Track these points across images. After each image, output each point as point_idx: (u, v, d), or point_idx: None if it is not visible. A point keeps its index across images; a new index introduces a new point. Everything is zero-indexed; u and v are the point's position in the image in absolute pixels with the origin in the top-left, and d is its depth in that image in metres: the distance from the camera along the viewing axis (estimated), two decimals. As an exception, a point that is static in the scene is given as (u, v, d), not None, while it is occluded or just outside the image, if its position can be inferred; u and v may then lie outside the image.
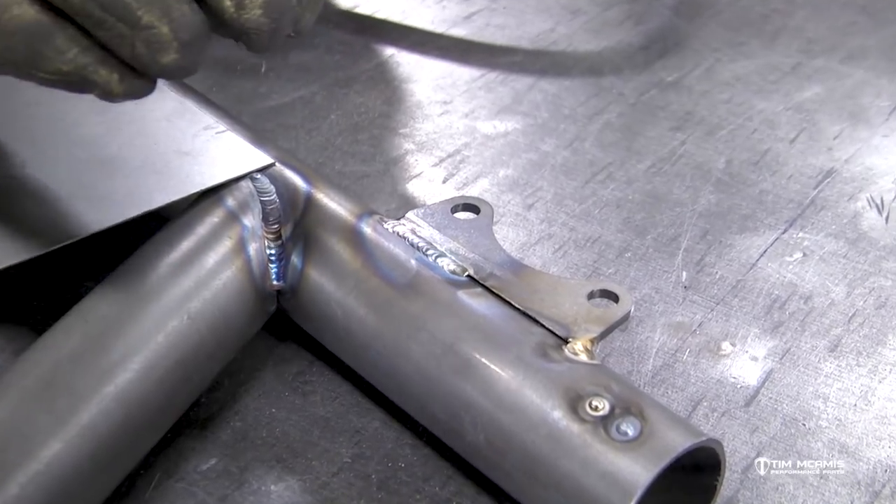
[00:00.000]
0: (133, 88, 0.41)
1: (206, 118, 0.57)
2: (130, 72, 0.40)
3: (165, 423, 0.47)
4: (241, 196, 0.52)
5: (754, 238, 0.65)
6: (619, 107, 0.79)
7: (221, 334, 0.48)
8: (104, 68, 0.40)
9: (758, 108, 0.79)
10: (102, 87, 0.40)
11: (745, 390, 0.53)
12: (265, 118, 0.75)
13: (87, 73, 0.40)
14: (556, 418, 0.42)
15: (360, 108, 0.78)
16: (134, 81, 0.41)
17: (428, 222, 0.53)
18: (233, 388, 0.53)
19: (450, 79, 0.82)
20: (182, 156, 0.54)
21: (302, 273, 0.51)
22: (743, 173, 0.71)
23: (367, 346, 0.49)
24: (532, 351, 0.45)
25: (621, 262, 0.62)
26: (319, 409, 0.52)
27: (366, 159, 0.72)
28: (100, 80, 0.40)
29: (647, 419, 0.41)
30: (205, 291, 0.48)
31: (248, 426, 0.51)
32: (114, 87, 0.40)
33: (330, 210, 0.52)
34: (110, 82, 0.40)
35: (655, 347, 0.56)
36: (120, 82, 0.40)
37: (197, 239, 0.49)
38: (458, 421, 0.45)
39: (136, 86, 0.41)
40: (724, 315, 0.58)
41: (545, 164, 0.72)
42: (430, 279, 0.49)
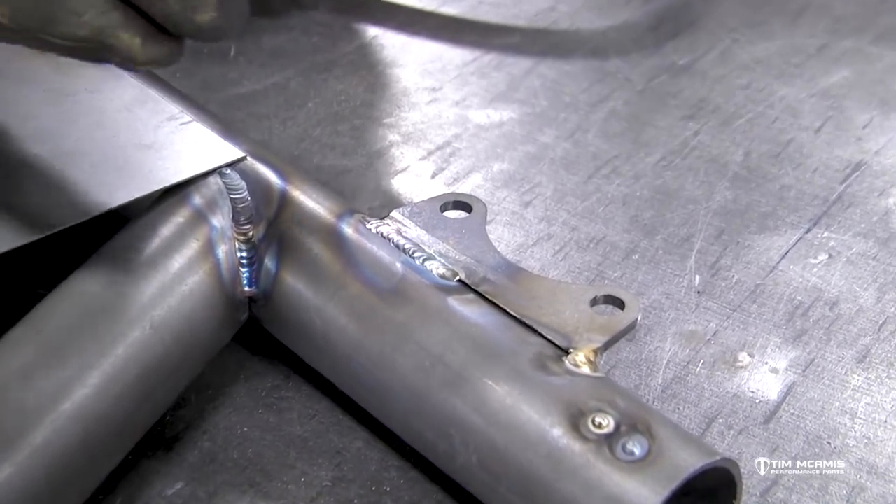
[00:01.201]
0: (158, 54, 0.40)
1: (170, 107, 0.58)
2: (155, 34, 0.40)
3: (127, 443, 0.47)
4: (210, 193, 0.52)
5: (775, 238, 0.65)
6: (626, 94, 0.80)
7: (188, 345, 0.49)
8: (126, 31, 0.39)
9: (779, 94, 0.79)
10: (123, 52, 0.39)
11: (765, 406, 0.54)
12: (235, 107, 0.76)
13: (106, 37, 0.39)
14: (555, 436, 0.43)
15: (341, 95, 0.78)
16: (160, 46, 0.40)
17: (415, 222, 0.53)
18: (200, 404, 0.53)
19: (439, 63, 0.83)
20: (144, 149, 0.54)
21: (276, 278, 0.51)
22: (763, 167, 0.72)
23: (349, 359, 0.49)
24: (529, 363, 0.45)
25: (628, 264, 0.63)
26: (296, 427, 0.52)
27: (346, 152, 0.72)
28: (120, 46, 0.39)
29: (655, 437, 0.42)
30: (169, 298, 0.48)
31: (218, 447, 0.51)
32: (136, 53, 0.39)
33: (307, 208, 0.53)
34: (132, 47, 0.39)
35: (665, 359, 0.56)
36: (143, 46, 0.39)
37: (160, 241, 0.50)
38: (448, 440, 0.46)
39: (162, 51, 0.40)
40: (741, 323, 0.59)
41: (544, 158, 0.72)
42: (417, 284, 0.49)
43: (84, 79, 0.57)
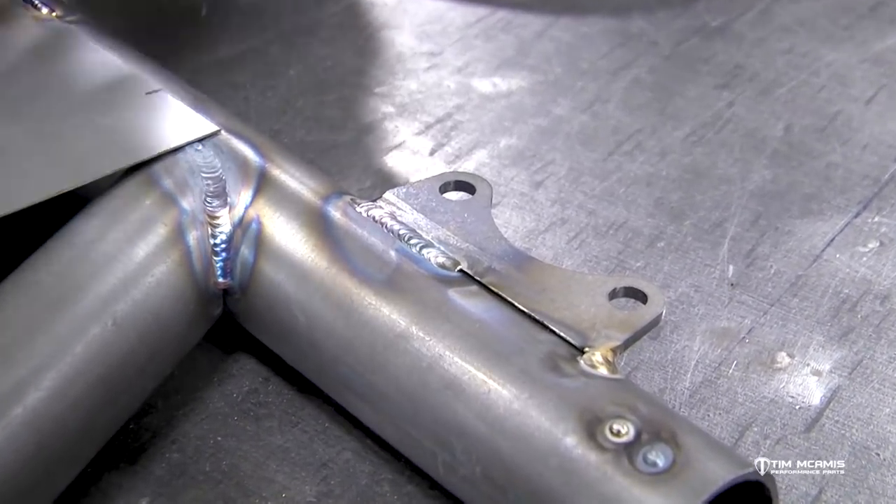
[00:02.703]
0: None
1: (135, 75, 0.58)
2: None
3: (86, 453, 0.48)
4: (179, 172, 0.52)
5: (819, 223, 0.66)
6: (651, 59, 0.80)
7: (155, 344, 0.49)
8: None
9: (825, 59, 0.80)
10: None
11: (806, 412, 0.54)
12: (208, 74, 0.76)
13: None
14: (569, 446, 0.43)
15: (326, 61, 0.79)
16: None
17: (411, 204, 0.54)
18: (169, 410, 0.54)
19: (439, 24, 0.83)
20: (105, 122, 0.55)
21: (254, 268, 0.52)
22: (806, 142, 0.72)
23: (336, 359, 0.50)
24: (539, 363, 0.46)
25: (652, 253, 0.63)
26: (276, 436, 0.53)
27: (334, 126, 0.72)
28: None
29: (681, 447, 0.42)
30: (133, 291, 0.49)
31: (188, 458, 0.51)
32: None
33: (289, 189, 0.53)
34: None
35: (694, 359, 0.57)
36: None
37: (124, 226, 0.50)
38: (448, 450, 0.46)
39: None
40: (779, 319, 0.59)
41: (558, 132, 0.73)
42: (413, 275, 0.50)
43: (36, 42, 0.57)
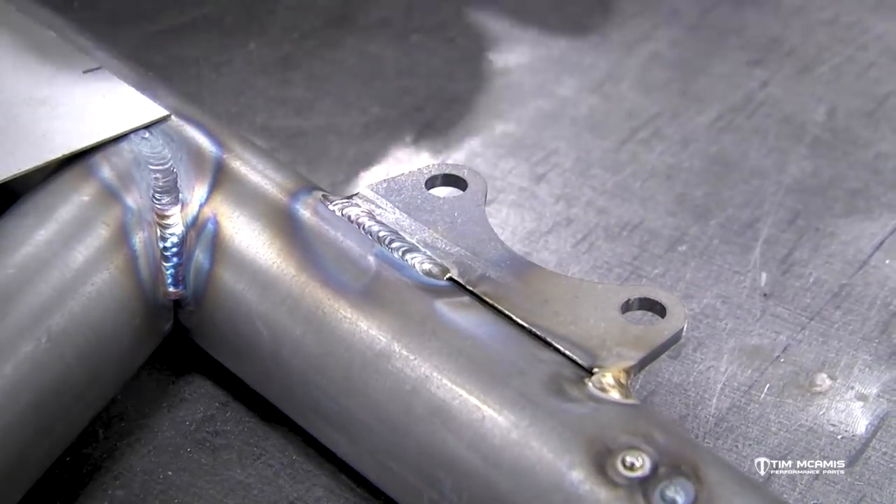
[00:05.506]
0: None
1: (70, 50, 0.59)
2: None
3: (18, 489, 0.48)
4: (122, 164, 0.53)
5: (866, 223, 0.67)
6: (673, 30, 0.81)
7: (95, 363, 0.50)
8: None
9: (875, 31, 0.81)
10: None
11: (849, 442, 0.55)
12: (153, 48, 0.76)
13: None
14: (575, 481, 0.44)
15: (293, 32, 0.79)
16: None
17: (392, 202, 0.54)
18: (112, 440, 0.54)
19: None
20: (36, 105, 0.55)
21: (210, 275, 0.52)
22: (852, 129, 0.73)
23: (306, 381, 0.50)
24: (542, 386, 0.46)
25: (672, 258, 0.64)
26: (236, 470, 0.53)
27: (301, 109, 0.73)
28: None
29: (703, 482, 0.43)
30: (70, 302, 0.49)
31: (134, 496, 0.52)
32: None
33: (250, 184, 0.54)
34: None
35: (721, 382, 0.58)
36: None
37: (58, 226, 0.51)
38: (435, 487, 0.47)
39: None
40: (819, 335, 0.60)
41: (563, 116, 0.73)
42: (395, 284, 0.50)
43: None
